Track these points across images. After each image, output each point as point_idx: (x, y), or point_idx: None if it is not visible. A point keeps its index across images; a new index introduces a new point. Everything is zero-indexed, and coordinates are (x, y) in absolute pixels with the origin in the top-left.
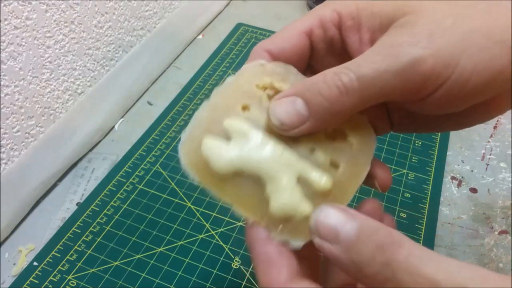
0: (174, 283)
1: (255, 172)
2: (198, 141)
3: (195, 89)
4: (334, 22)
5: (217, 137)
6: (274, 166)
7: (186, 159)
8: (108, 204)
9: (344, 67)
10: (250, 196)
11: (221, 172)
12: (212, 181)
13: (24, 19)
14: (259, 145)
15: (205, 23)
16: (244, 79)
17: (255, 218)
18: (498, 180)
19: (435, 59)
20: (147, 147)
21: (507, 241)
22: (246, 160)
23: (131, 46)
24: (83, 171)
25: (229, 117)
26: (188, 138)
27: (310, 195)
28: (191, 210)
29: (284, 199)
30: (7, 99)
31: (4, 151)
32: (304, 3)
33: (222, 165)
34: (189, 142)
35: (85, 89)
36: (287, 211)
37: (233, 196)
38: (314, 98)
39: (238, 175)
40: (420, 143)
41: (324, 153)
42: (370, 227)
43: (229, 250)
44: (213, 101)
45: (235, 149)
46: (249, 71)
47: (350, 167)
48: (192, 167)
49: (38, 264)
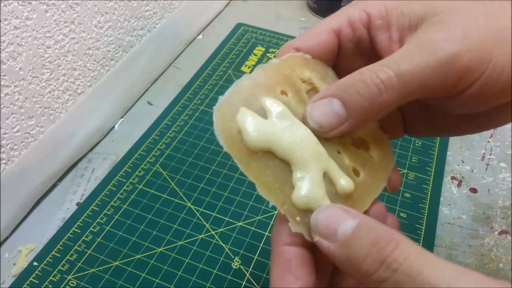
0: (174, 283)
1: (287, 154)
2: (235, 107)
3: (195, 89)
4: (363, 22)
5: (253, 111)
6: (307, 154)
7: (220, 124)
8: (108, 204)
9: (381, 64)
10: (275, 178)
11: (252, 146)
12: (241, 153)
13: (24, 19)
14: (296, 129)
15: (205, 23)
16: (287, 65)
17: (276, 203)
18: (498, 180)
19: (472, 54)
20: (147, 147)
21: (507, 241)
22: (281, 140)
23: (131, 46)
24: (83, 171)
25: (268, 95)
26: (226, 102)
27: (331, 194)
28: (191, 210)
29: (310, 191)
30: (7, 99)
31: (4, 151)
32: (304, 3)
33: (255, 139)
34: (227, 106)
35: (85, 89)
36: (310, 204)
37: (259, 174)
38: (352, 98)
39: (267, 154)
40: (420, 143)
41: (349, 158)
42: (368, 225)
43: (229, 250)
44: (255, 76)
45: (272, 126)
46: (294, 60)
47: (370, 178)
48: (224, 134)
49: (38, 264)
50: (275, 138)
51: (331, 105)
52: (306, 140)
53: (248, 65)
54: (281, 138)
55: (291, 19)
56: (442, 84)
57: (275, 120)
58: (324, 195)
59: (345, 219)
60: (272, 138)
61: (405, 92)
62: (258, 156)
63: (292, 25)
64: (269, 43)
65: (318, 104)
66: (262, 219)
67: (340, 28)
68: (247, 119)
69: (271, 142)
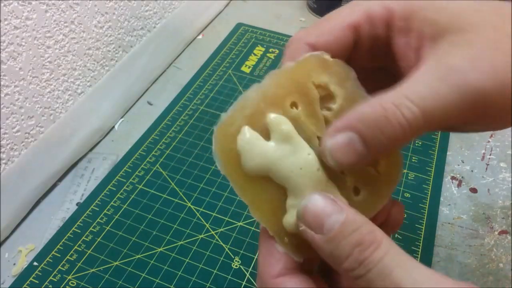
0: (174, 283)
1: (284, 181)
2: (238, 126)
3: (195, 89)
4: (384, 20)
5: (257, 129)
6: (305, 182)
7: (218, 145)
8: (108, 204)
9: (405, 97)
10: (270, 202)
11: (250, 172)
12: (238, 177)
13: (24, 19)
14: (298, 155)
15: (205, 23)
16: (303, 70)
17: (266, 225)
18: (498, 180)
19: (499, 91)
20: (147, 147)
21: (507, 241)
22: (280, 167)
23: (131, 46)
24: (83, 171)
25: (276, 110)
26: (228, 121)
27: None
28: (191, 210)
29: None
30: (7, 99)
31: (4, 151)
32: (304, 3)
33: (253, 166)
34: (228, 125)
35: (85, 89)
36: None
37: (253, 197)
38: (374, 135)
39: (265, 178)
40: (420, 143)
41: (352, 176)
42: (354, 222)
43: (229, 250)
44: (264, 85)
45: (272, 152)
46: (311, 63)
47: (371, 197)
48: (223, 157)
49: (38, 264)
50: (274, 166)
51: (351, 142)
52: (305, 168)
53: (248, 65)
54: (281, 166)
55: (291, 19)
56: (465, 117)
57: (277, 145)
58: None
59: (333, 213)
60: (271, 165)
61: (427, 128)
62: (255, 180)
63: (292, 25)
64: (269, 43)
65: (337, 141)
66: None
67: (359, 23)
68: (247, 144)
69: (269, 169)
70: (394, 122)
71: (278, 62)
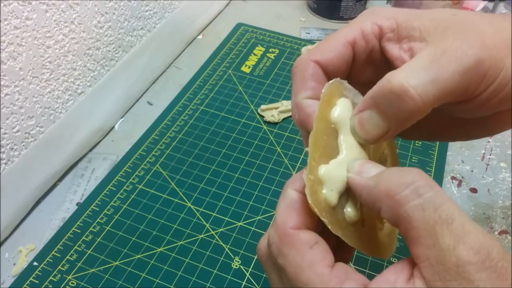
0: (174, 283)
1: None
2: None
3: (195, 89)
4: (375, 34)
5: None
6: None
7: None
8: (108, 204)
9: (411, 71)
10: (325, 146)
11: (333, 119)
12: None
13: (24, 19)
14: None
15: (205, 23)
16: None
17: (314, 169)
18: (498, 180)
19: (491, 61)
20: (147, 147)
21: (507, 241)
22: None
23: (131, 46)
24: (83, 171)
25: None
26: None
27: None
28: (191, 210)
29: (343, 159)
30: (7, 99)
31: (4, 151)
32: (304, 3)
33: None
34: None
35: (85, 89)
36: (331, 178)
37: (320, 142)
38: (388, 109)
39: (334, 135)
40: (420, 143)
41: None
42: None
43: (229, 250)
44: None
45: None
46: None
47: None
48: (322, 107)
49: (38, 264)
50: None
51: (371, 118)
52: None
53: (248, 65)
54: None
55: (291, 19)
56: (466, 88)
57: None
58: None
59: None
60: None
61: (437, 99)
62: (329, 133)
63: (292, 25)
64: (269, 43)
65: (360, 118)
66: (262, 219)
67: (355, 40)
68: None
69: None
70: (404, 97)
71: (278, 62)
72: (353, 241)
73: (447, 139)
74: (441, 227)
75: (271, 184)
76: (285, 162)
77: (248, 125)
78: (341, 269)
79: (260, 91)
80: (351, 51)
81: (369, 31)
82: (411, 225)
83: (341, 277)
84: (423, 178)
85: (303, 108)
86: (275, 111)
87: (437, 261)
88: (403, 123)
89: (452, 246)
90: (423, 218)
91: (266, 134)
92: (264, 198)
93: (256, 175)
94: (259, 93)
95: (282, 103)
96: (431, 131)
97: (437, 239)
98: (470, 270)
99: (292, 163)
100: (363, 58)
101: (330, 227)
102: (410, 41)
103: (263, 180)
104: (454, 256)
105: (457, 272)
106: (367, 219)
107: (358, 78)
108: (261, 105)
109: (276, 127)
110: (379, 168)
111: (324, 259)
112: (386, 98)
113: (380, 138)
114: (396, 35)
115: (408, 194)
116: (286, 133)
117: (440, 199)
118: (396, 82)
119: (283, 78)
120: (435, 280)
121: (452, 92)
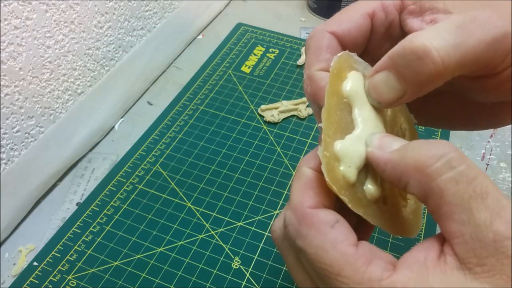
0: (174, 283)
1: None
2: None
3: (195, 89)
4: (396, 6)
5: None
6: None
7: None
8: (108, 204)
9: (435, 34)
10: (339, 122)
11: (345, 93)
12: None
13: (24, 19)
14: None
15: (205, 23)
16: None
17: (324, 141)
18: (498, 180)
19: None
20: (147, 147)
21: None
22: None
23: (131, 46)
24: (83, 171)
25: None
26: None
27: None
28: (191, 210)
29: (359, 134)
30: (7, 99)
31: (4, 151)
32: (304, 3)
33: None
34: (341, 70)
35: (85, 89)
36: (344, 154)
37: (333, 117)
38: (407, 72)
39: (348, 110)
40: None
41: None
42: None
43: (229, 250)
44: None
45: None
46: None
47: None
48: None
49: (38, 264)
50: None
51: (387, 80)
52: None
53: (248, 65)
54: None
55: (291, 19)
56: (490, 60)
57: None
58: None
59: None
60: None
61: (460, 65)
62: (342, 107)
63: (292, 25)
64: (269, 43)
65: (375, 80)
66: (262, 219)
67: (374, 12)
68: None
69: (360, 97)
70: (425, 59)
71: (278, 62)
72: (376, 220)
73: (453, 127)
74: (476, 202)
75: (271, 184)
76: (285, 162)
77: (248, 125)
78: (367, 248)
79: (260, 91)
80: (369, 23)
81: (390, 2)
82: (443, 200)
83: (367, 256)
84: (454, 150)
85: (316, 80)
86: (275, 111)
87: (472, 237)
88: (420, 88)
89: (488, 221)
90: (457, 192)
91: (266, 134)
92: (264, 198)
93: (256, 175)
94: (259, 93)
95: (282, 103)
96: (440, 113)
97: (472, 214)
98: (508, 245)
99: (292, 163)
100: (382, 32)
101: (351, 206)
102: (434, 13)
103: (263, 180)
104: (492, 232)
105: (494, 247)
106: (389, 196)
107: (374, 53)
108: (261, 105)
109: (276, 127)
110: (401, 142)
111: (347, 238)
112: (406, 58)
113: (395, 103)
114: (418, 7)
115: (440, 166)
116: (286, 133)
117: (473, 172)
118: (418, 42)
119: (283, 78)
120: (470, 257)
121: (475, 61)
